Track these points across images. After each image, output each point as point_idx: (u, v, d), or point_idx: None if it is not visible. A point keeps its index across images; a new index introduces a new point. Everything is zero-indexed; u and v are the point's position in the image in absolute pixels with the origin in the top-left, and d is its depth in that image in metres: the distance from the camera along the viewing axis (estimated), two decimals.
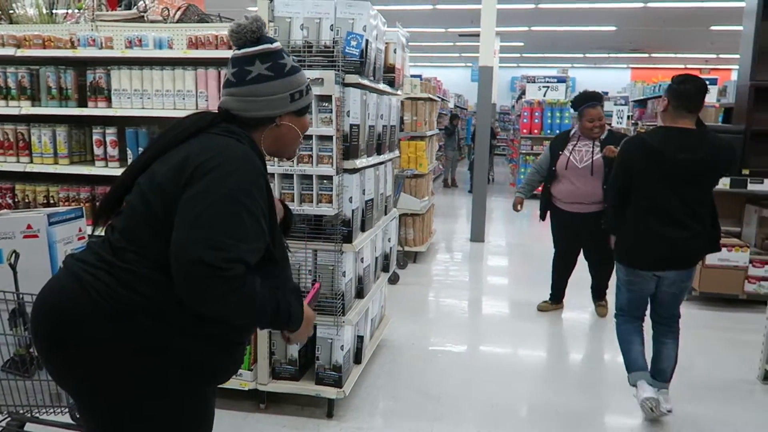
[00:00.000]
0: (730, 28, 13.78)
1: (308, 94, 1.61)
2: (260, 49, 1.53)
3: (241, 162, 1.39)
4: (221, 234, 1.30)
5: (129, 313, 1.36)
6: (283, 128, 1.57)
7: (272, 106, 1.53)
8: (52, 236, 1.88)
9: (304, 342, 1.54)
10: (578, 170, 4.23)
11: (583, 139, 4.31)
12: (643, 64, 22.04)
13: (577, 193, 4.25)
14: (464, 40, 16.30)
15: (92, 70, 3.02)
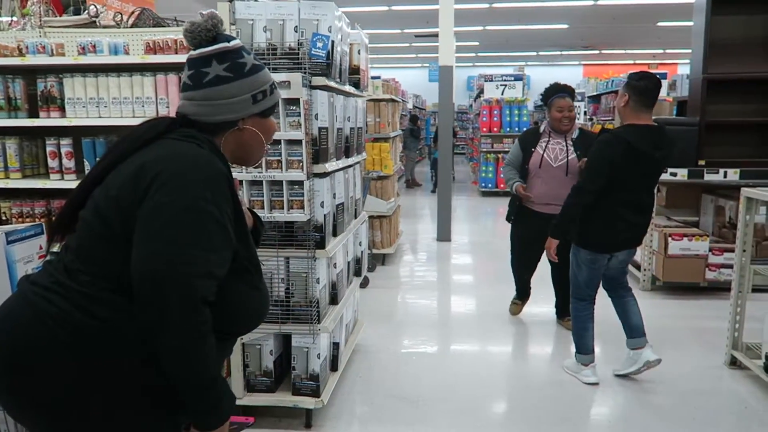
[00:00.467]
0: (676, 23, 14.27)
1: (273, 94, 1.50)
2: (216, 48, 1.42)
3: (202, 168, 1.30)
4: (187, 246, 1.22)
5: (86, 340, 1.25)
6: (246, 132, 1.46)
7: (233, 109, 1.43)
8: (10, 256, 1.76)
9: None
10: (553, 169, 3.98)
11: (555, 136, 4.05)
12: (594, 61, 22.59)
13: (551, 194, 3.94)
14: (420, 40, 16.37)
15: (43, 79, 2.88)
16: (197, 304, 1.22)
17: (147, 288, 1.21)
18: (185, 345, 1.22)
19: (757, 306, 3.73)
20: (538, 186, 4.04)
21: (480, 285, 5.75)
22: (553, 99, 4.01)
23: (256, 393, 2.92)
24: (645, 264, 5.21)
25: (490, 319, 4.58)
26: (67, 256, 1.33)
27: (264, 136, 1.50)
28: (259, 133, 1.48)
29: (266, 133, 1.51)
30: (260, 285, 1.45)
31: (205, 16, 1.42)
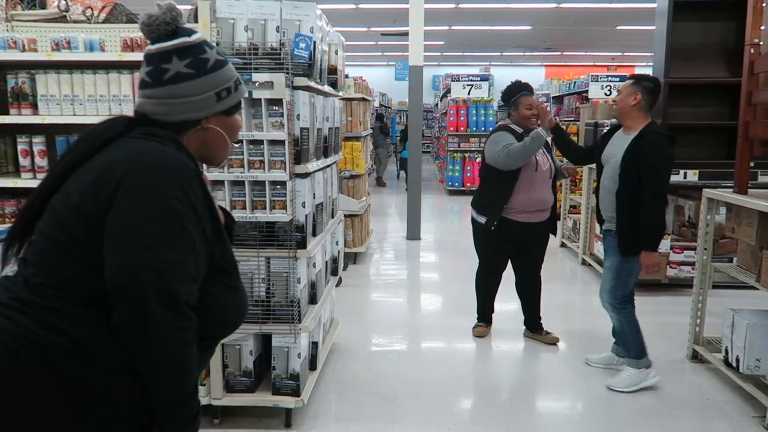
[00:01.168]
0: (635, 27, 14.70)
1: (238, 91, 1.42)
2: (177, 43, 1.33)
3: (170, 165, 1.23)
4: (164, 251, 1.16)
5: (54, 361, 1.16)
6: (210, 131, 1.38)
7: (196, 107, 1.35)
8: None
9: None
10: (543, 173, 3.77)
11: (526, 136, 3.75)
12: (556, 62, 23.07)
13: (541, 200, 3.76)
14: (386, 39, 16.43)
15: (13, 75, 2.80)
16: (182, 310, 1.18)
17: (126, 299, 1.15)
18: (171, 356, 1.18)
19: (716, 302, 3.92)
20: (530, 193, 3.73)
21: (449, 283, 5.83)
22: (519, 97, 3.81)
23: (235, 393, 2.91)
24: None
25: (459, 316, 4.65)
26: (27, 269, 1.23)
27: (229, 135, 1.43)
28: (223, 132, 1.41)
29: (231, 132, 1.44)
30: (238, 284, 1.39)
31: (163, 7, 1.33)
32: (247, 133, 2.62)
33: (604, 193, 3.35)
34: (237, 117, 1.46)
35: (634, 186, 3.13)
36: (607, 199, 3.31)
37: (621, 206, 3.21)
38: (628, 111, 3.21)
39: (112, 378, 1.19)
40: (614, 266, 3.33)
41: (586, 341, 4.14)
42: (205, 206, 1.27)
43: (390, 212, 9.82)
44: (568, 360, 3.85)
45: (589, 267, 6.04)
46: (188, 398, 1.24)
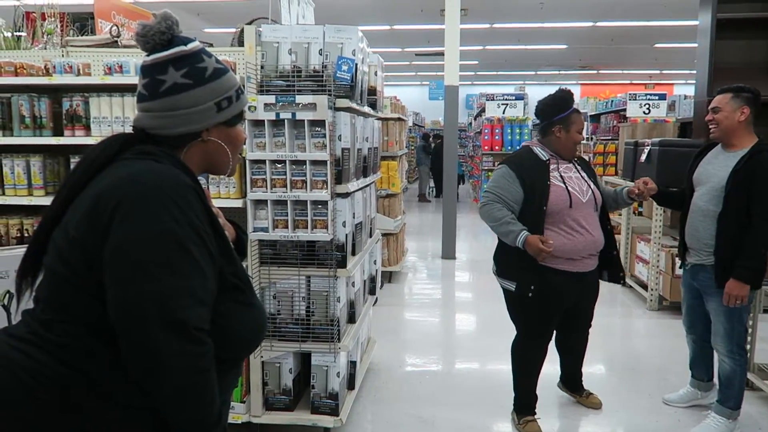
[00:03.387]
0: (674, 45, 14.49)
1: (240, 100, 1.36)
2: (172, 53, 1.27)
3: (164, 185, 1.16)
4: (166, 278, 1.10)
5: (68, 396, 1.13)
6: (211, 144, 1.32)
7: (195, 119, 1.29)
8: None
9: None
10: (583, 207, 2.84)
11: (561, 161, 2.94)
12: (591, 81, 22.86)
13: (586, 243, 2.83)
14: (420, 59, 16.56)
15: (68, 98, 2.92)
16: (192, 337, 1.12)
17: (132, 335, 1.10)
18: (189, 384, 1.13)
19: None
20: (571, 235, 2.82)
21: (484, 303, 5.76)
22: (571, 114, 2.91)
23: (274, 411, 2.93)
24: (652, 284, 5.24)
25: (494, 337, 4.58)
26: (38, 307, 1.22)
27: (231, 147, 1.37)
28: (224, 144, 1.34)
29: (233, 144, 1.37)
30: (254, 300, 1.32)
31: (158, 16, 1.28)
32: (290, 153, 2.67)
33: (699, 217, 2.90)
34: (239, 128, 1.40)
35: (741, 209, 2.75)
36: (704, 225, 2.87)
37: (724, 232, 2.79)
38: (736, 128, 2.83)
39: (127, 413, 1.16)
40: (723, 307, 2.86)
41: (630, 366, 4.04)
42: (203, 221, 1.20)
43: (425, 231, 9.81)
44: (613, 386, 3.76)
45: (629, 289, 5.91)
46: (211, 426, 1.19)
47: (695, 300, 3.12)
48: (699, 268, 2.94)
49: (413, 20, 11.90)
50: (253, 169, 2.71)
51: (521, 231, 2.76)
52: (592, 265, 2.95)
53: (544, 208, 2.78)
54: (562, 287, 2.86)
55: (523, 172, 2.85)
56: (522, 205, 2.84)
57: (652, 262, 5.24)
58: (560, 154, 2.93)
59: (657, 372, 3.94)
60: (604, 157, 8.65)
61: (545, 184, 2.81)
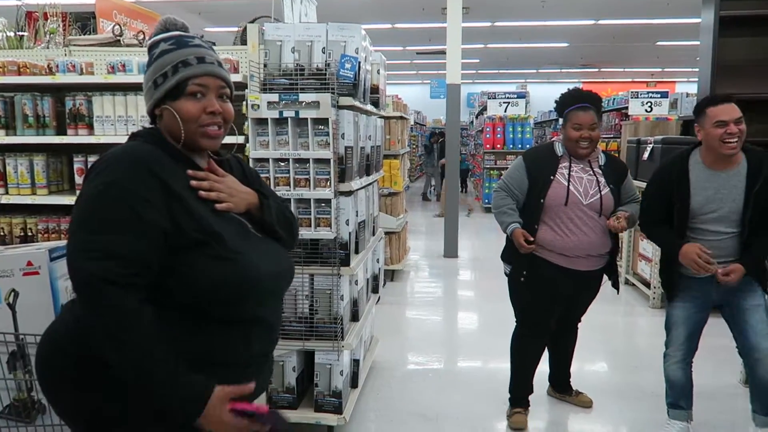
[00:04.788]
0: (675, 43, 14.47)
1: (177, 73, 1.40)
2: (148, 48, 1.48)
3: (110, 159, 1.33)
4: (80, 233, 1.27)
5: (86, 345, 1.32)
6: (165, 117, 1.43)
7: (146, 98, 1.46)
8: (53, 272, 1.79)
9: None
10: (582, 208, 2.83)
11: (576, 161, 2.90)
12: (593, 79, 22.82)
13: (579, 244, 2.83)
14: (421, 57, 16.55)
15: (71, 97, 2.92)
16: (101, 288, 1.23)
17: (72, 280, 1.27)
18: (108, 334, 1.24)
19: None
20: (563, 233, 2.85)
21: (486, 301, 5.77)
22: (570, 111, 2.87)
23: (278, 410, 2.92)
24: (654, 282, 5.24)
25: (497, 335, 4.57)
26: None
27: (181, 118, 1.40)
28: (175, 115, 1.40)
29: (182, 115, 1.40)
30: (228, 255, 1.37)
31: (159, 23, 1.48)
32: (293, 151, 2.67)
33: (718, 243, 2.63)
34: (185, 101, 1.41)
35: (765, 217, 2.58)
36: (725, 244, 2.63)
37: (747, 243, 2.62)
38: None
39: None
40: (763, 301, 2.68)
41: (632, 364, 4.04)
42: (158, 188, 1.31)
43: (426, 229, 9.81)
44: (615, 383, 3.76)
45: (632, 286, 5.91)
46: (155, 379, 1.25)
47: (702, 313, 2.83)
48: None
49: (415, 18, 11.89)
50: (256, 167, 2.71)
51: (512, 222, 2.91)
52: (590, 266, 2.91)
53: (541, 201, 2.85)
54: (554, 279, 2.91)
55: (533, 164, 2.95)
56: (525, 196, 2.94)
57: (654, 260, 5.23)
58: (568, 151, 2.93)
59: (659, 370, 3.91)
60: None
61: (548, 179, 2.86)
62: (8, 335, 1.79)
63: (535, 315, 3.05)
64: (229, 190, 1.49)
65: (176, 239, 1.32)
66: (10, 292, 1.79)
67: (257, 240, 1.50)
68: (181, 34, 1.46)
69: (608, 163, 2.96)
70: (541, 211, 2.86)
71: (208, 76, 1.42)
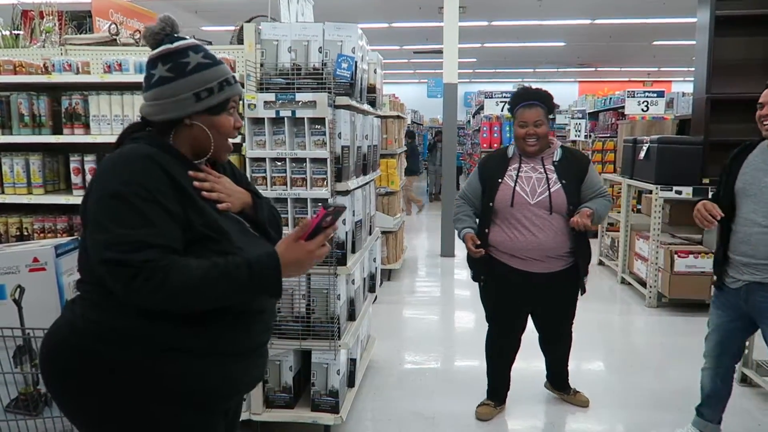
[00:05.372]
0: (672, 42, 14.49)
1: (222, 91, 1.50)
2: (160, 51, 1.48)
3: (122, 159, 1.39)
4: (115, 228, 1.30)
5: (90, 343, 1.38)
6: (195, 129, 1.49)
7: (175, 107, 1.47)
8: (59, 268, 1.80)
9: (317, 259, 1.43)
10: (529, 208, 2.81)
11: (528, 160, 2.89)
12: (590, 78, 22.86)
13: (533, 244, 2.81)
14: (419, 57, 16.55)
15: (68, 96, 2.91)
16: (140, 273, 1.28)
17: (104, 273, 1.31)
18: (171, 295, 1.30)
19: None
20: (512, 233, 2.85)
21: None
22: (517, 110, 2.88)
23: (275, 409, 2.93)
24: (651, 281, 5.26)
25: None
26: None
27: (213, 133, 1.51)
28: (206, 129, 1.49)
29: (218, 130, 1.52)
30: (233, 250, 1.43)
31: (158, 19, 1.49)
32: (290, 151, 2.67)
33: (760, 235, 2.47)
34: (224, 116, 1.53)
35: None
36: (763, 243, 2.47)
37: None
38: None
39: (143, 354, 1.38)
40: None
41: (629, 362, 4.06)
42: (167, 185, 1.38)
43: (424, 228, 9.81)
44: (612, 383, 3.77)
45: (628, 286, 5.92)
46: (230, 282, 1.34)
47: (735, 323, 2.68)
48: (757, 286, 2.51)
49: (412, 18, 11.88)
50: (253, 167, 2.71)
51: (464, 228, 2.94)
52: (548, 268, 2.86)
53: (490, 205, 2.89)
54: (511, 281, 2.92)
55: (486, 169, 3.00)
56: (480, 200, 2.98)
57: (651, 259, 5.25)
58: (519, 151, 2.94)
59: (656, 369, 3.95)
60: (602, 155, 8.66)
61: (496, 182, 2.90)
62: (15, 330, 1.79)
63: (501, 316, 3.10)
64: (227, 190, 1.56)
65: (187, 233, 1.40)
66: (15, 288, 1.80)
67: (255, 238, 1.57)
68: (201, 44, 1.53)
69: (564, 159, 2.92)
70: (491, 214, 2.90)
71: (238, 96, 1.56)
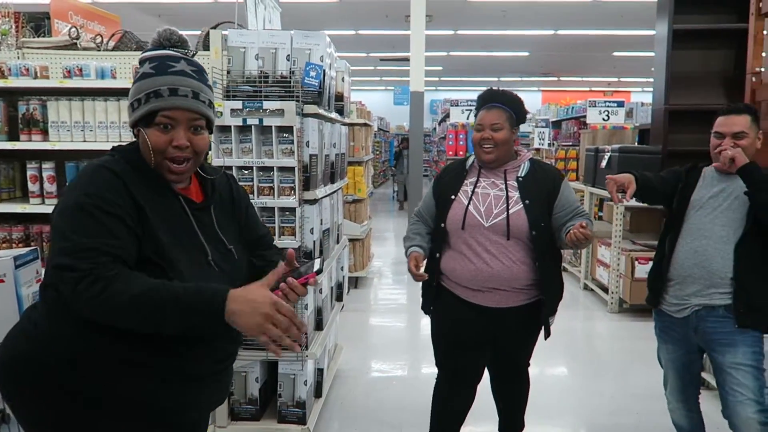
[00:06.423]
0: (631, 54, 14.91)
1: (147, 103, 1.40)
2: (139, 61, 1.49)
3: (90, 170, 1.37)
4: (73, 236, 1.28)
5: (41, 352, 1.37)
6: (140, 139, 1.44)
7: (128, 114, 1.47)
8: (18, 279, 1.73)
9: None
10: (483, 232, 2.32)
11: (488, 173, 2.42)
12: (552, 87, 23.33)
13: (485, 274, 2.32)
14: (385, 64, 16.62)
15: (25, 101, 2.82)
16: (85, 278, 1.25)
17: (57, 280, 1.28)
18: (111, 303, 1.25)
19: None
20: (463, 260, 2.36)
21: None
22: (480, 112, 2.42)
23: (240, 421, 2.88)
24: (612, 287, 5.37)
25: None
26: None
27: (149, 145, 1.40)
28: (147, 141, 1.41)
29: (149, 143, 1.40)
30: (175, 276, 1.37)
31: (156, 33, 1.48)
32: (257, 159, 2.64)
33: (715, 245, 2.28)
34: (153, 130, 1.41)
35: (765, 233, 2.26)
36: (722, 254, 2.26)
37: (748, 263, 2.24)
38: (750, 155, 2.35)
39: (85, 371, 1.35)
40: (752, 361, 2.25)
41: (592, 367, 4.13)
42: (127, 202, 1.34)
43: (389, 236, 9.82)
44: (575, 387, 3.83)
45: (591, 292, 6.04)
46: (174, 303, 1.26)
47: (690, 356, 2.45)
48: (706, 312, 2.29)
49: (378, 25, 11.94)
50: None
51: (410, 246, 2.44)
52: (504, 302, 2.35)
53: (442, 225, 2.39)
54: (459, 315, 2.42)
55: (440, 184, 2.51)
56: (433, 219, 2.49)
57: (612, 265, 5.37)
58: (478, 161, 2.44)
59: (617, 373, 4.04)
60: (565, 163, 8.82)
61: (449, 198, 2.41)
62: None
63: (450, 359, 2.53)
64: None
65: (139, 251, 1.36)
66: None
67: (213, 273, 1.45)
68: (167, 54, 1.45)
69: (531, 174, 2.39)
70: (443, 236, 2.41)
71: (177, 110, 1.41)
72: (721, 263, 2.26)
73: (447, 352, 2.53)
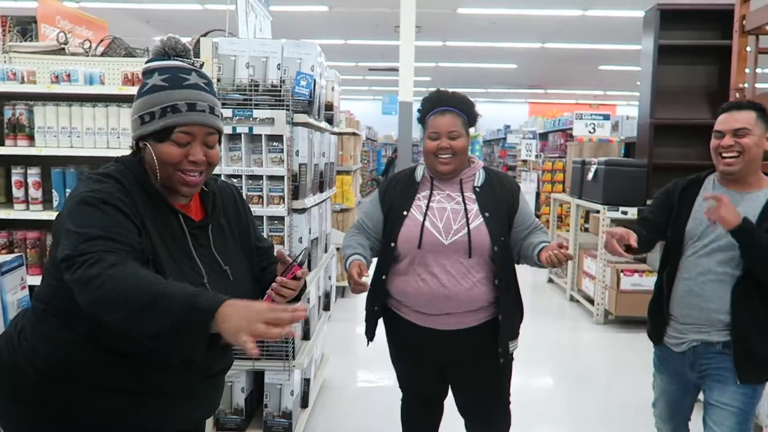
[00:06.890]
0: (617, 67, 15.11)
1: (163, 117, 1.35)
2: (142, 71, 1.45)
3: (94, 175, 1.37)
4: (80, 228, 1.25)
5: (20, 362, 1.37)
6: (146, 152, 1.39)
7: (132, 127, 1.42)
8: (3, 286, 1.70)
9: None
10: (443, 251, 2.09)
11: (442, 185, 2.18)
12: (539, 99, 23.54)
13: (440, 296, 2.09)
14: (374, 74, 16.69)
15: (11, 106, 2.79)
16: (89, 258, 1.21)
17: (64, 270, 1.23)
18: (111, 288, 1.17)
19: None
20: (415, 282, 2.11)
21: None
22: (429, 118, 2.19)
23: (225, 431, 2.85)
24: (598, 299, 5.41)
25: None
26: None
27: (157, 160, 1.38)
28: (154, 156, 1.37)
29: (160, 158, 1.37)
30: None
31: (159, 41, 1.46)
32: (247, 168, 2.63)
33: (712, 284, 2.09)
34: (167, 145, 1.37)
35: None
36: (719, 293, 2.08)
37: (748, 303, 2.05)
38: (760, 159, 2.10)
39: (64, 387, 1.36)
40: (739, 404, 2.08)
41: (577, 378, 4.14)
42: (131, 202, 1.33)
43: None
44: (561, 398, 3.84)
45: (577, 303, 6.07)
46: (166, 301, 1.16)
47: (685, 391, 2.29)
48: (704, 347, 2.13)
49: (367, 35, 12.00)
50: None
51: (351, 255, 2.15)
52: (458, 324, 2.12)
53: (392, 245, 2.12)
54: (413, 342, 2.21)
55: (388, 195, 2.22)
56: (380, 236, 2.21)
57: (598, 277, 5.40)
58: (431, 172, 2.19)
59: (602, 384, 4.06)
60: (552, 175, 8.90)
61: (401, 214, 2.14)
62: None
63: (411, 384, 2.39)
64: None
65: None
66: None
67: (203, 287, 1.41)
68: (178, 66, 1.41)
69: (488, 184, 2.18)
70: (392, 256, 2.14)
71: (195, 125, 1.38)
72: (719, 304, 2.08)
73: (406, 377, 2.38)
